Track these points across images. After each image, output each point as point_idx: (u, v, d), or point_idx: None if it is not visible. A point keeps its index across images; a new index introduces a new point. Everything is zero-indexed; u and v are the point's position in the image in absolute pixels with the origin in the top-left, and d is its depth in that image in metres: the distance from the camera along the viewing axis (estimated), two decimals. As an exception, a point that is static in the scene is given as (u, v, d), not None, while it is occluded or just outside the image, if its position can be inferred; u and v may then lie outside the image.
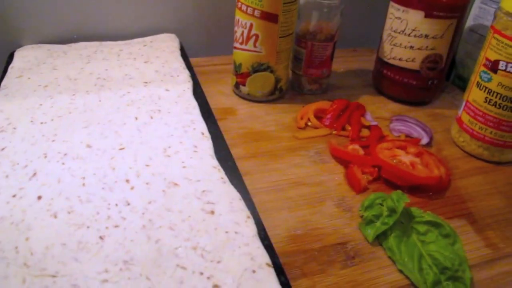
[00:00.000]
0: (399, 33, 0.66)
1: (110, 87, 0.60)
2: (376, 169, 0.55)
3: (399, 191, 0.49)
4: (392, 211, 0.47)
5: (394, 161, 0.55)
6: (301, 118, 0.64)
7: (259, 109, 0.66)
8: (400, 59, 0.68)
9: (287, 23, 0.62)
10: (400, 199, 0.47)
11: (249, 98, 0.66)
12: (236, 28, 0.63)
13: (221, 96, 0.68)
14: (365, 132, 0.62)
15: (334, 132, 0.62)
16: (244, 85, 0.65)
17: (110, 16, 0.74)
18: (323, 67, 0.68)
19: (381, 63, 0.71)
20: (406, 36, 0.66)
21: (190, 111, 0.57)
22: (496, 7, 0.56)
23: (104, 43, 0.72)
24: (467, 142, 0.61)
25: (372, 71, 0.76)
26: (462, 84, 0.79)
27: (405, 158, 0.56)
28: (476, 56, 0.60)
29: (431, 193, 0.53)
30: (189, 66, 0.69)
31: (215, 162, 0.48)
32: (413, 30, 0.65)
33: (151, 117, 0.54)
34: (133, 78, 0.63)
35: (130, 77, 0.63)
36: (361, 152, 0.58)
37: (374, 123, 0.64)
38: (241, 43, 0.63)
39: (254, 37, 0.61)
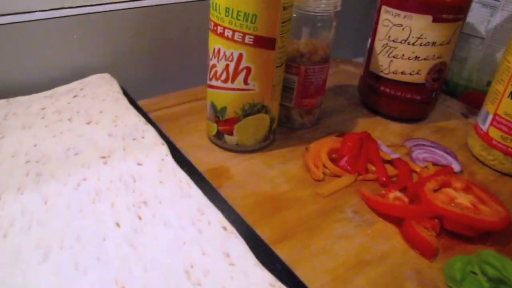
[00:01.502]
0: (400, 42, 0.55)
1: (52, 174, 0.40)
2: (436, 220, 0.43)
3: (490, 251, 0.39)
4: (499, 282, 0.36)
5: (452, 205, 0.44)
6: (316, 166, 0.49)
7: (255, 162, 0.50)
8: (402, 73, 0.57)
9: (284, 47, 0.47)
10: (504, 264, 0.37)
11: (237, 149, 0.50)
12: (214, 62, 0.46)
13: (200, 152, 0.50)
14: (388, 168, 0.51)
15: (359, 177, 0.49)
16: (231, 134, 0.49)
17: (14, 58, 0.52)
18: (318, 95, 0.55)
19: (375, 79, 0.59)
20: (410, 45, 0.55)
21: (187, 192, 0.39)
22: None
23: (13, 100, 0.50)
24: (499, 160, 0.52)
25: (358, 86, 0.64)
26: (446, 89, 0.71)
27: (464, 199, 0.45)
28: (460, 57, 0.50)
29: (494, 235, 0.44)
30: (139, 111, 0.50)
31: (268, 277, 0.32)
32: (419, 38, 0.54)
33: (139, 218, 0.36)
34: (81, 153, 0.43)
35: (75, 152, 0.43)
36: (405, 199, 0.46)
37: (395, 155, 0.53)
38: (225, 81, 0.46)
39: (244, 71, 0.45)
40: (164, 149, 0.44)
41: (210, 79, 0.48)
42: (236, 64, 0.45)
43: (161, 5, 0.59)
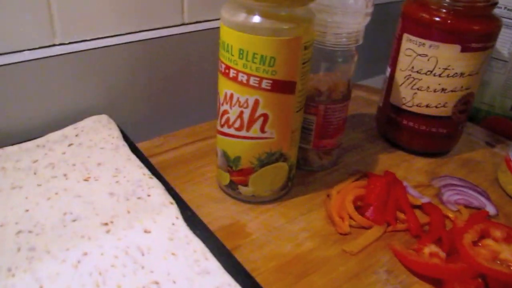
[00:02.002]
0: (426, 74, 0.51)
1: (48, 248, 0.35)
2: (480, 280, 0.39)
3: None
4: None
5: (498, 262, 0.40)
6: (341, 218, 0.44)
7: (274, 214, 0.45)
8: (427, 106, 0.52)
9: (304, 90, 0.42)
10: None
11: (252, 200, 0.45)
12: (226, 108, 0.41)
13: (212, 205, 0.45)
14: (418, 214, 0.46)
15: (388, 228, 0.45)
16: (245, 185, 0.44)
17: (1, 102, 0.47)
18: (337, 134, 0.50)
19: (396, 111, 0.55)
20: (436, 77, 0.50)
21: (204, 266, 0.34)
22: None
23: (0, 151, 0.45)
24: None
25: (376, 118, 0.60)
26: (467, 114, 0.66)
27: (508, 253, 0.41)
28: (482, 81, 0.46)
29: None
30: (141, 158, 0.45)
31: None
32: (446, 69, 0.50)
33: (152, 304, 0.31)
34: (80, 218, 0.38)
35: (73, 218, 0.38)
36: (442, 254, 0.42)
37: (426, 200, 0.48)
38: (239, 129, 0.41)
39: (261, 119, 0.41)
40: (174, 210, 0.39)
41: (222, 126, 0.43)
42: (252, 111, 0.40)
43: (159, 37, 0.54)
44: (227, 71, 0.40)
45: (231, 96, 0.40)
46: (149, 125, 0.56)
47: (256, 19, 0.37)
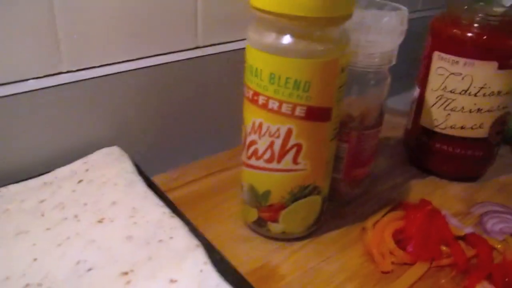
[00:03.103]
0: (460, 93, 0.47)
1: (62, 305, 0.30)
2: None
3: None
4: None
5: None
6: (381, 255, 0.40)
7: (307, 253, 0.41)
8: (462, 127, 0.49)
9: (339, 117, 0.38)
10: None
11: (283, 237, 0.41)
12: (254, 138, 0.37)
13: (238, 245, 0.41)
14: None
15: (433, 263, 0.41)
16: (275, 221, 0.40)
17: (4, 136, 0.43)
18: (369, 162, 0.46)
19: (428, 134, 0.51)
20: (472, 96, 0.47)
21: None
22: None
23: (4, 190, 0.41)
24: None
25: (404, 142, 0.56)
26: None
27: None
28: None
29: None
30: (158, 194, 0.41)
31: None
32: (482, 87, 0.46)
33: None
34: (96, 267, 0.34)
35: (88, 267, 0.34)
36: (496, 292, 0.38)
37: (469, 230, 0.44)
38: (269, 161, 0.38)
39: (294, 150, 0.37)
40: (201, 255, 0.35)
41: (249, 157, 0.39)
42: (284, 142, 0.36)
43: (172, 62, 0.50)
44: (255, 97, 0.36)
45: (260, 125, 0.37)
46: (163, 157, 0.52)
47: (288, 39, 0.33)
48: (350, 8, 0.34)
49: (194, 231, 0.38)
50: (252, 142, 0.38)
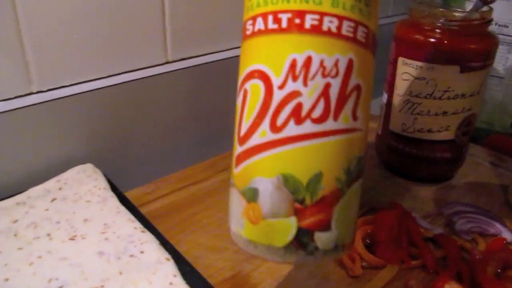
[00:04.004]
0: (425, 97, 0.48)
1: (32, 324, 0.31)
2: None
3: None
4: None
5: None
6: (351, 260, 0.41)
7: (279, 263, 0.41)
8: (429, 131, 0.50)
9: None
10: None
11: (333, 255, 0.28)
12: (297, 86, 0.25)
13: (211, 255, 0.42)
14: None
15: (403, 265, 0.41)
16: (326, 228, 0.26)
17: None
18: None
19: (397, 138, 0.52)
20: (437, 100, 0.48)
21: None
22: None
23: (-24, 215, 0.41)
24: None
25: (376, 146, 0.57)
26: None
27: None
28: None
29: None
30: (131, 209, 0.42)
31: None
32: (446, 91, 0.48)
33: None
34: (67, 285, 0.34)
35: (59, 284, 0.34)
36: (464, 292, 0.38)
37: (438, 231, 0.45)
38: (321, 120, 0.25)
39: (354, 95, 0.25)
40: (171, 267, 0.35)
41: (280, 128, 0.25)
42: (343, 82, 0.25)
43: (142, 78, 0.51)
44: (297, 21, 0.24)
45: (308, 61, 0.24)
46: (138, 171, 0.53)
47: None
48: None
49: (166, 244, 0.39)
50: (291, 95, 0.25)
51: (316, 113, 0.25)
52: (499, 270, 0.40)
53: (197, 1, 0.52)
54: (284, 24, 0.25)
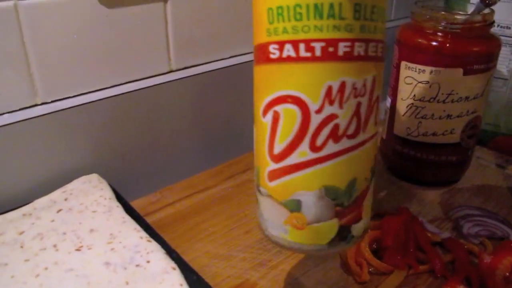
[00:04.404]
0: (429, 101, 0.48)
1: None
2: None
3: None
4: None
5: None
6: (359, 265, 0.41)
7: (284, 268, 0.42)
8: (434, 134, 0.49)
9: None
10: None
11: (360, 239, 0.31)
12: (333, 110, 0.26)
13: (218, 263, 0.42)
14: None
15: (410, 271, 0.41)
16: (359, 219, 0.30)
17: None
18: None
19: (402, 143, 0.52)
20: (440, 103, 0.48)
21: None
22: None
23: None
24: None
25: (381, 151, 0.57)
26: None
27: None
28: None
29: None
30: (137, 218, 0.42)
31: None
32: (449, 94, 0.47)
33: None
34: (74, 296, 0.34)
35: (66, 296, 0.34)
36: (473, 296, 0.38)
37: (445, 235, 0.45)
38: (353, 135, 0.27)
39: (376, 106, 0.28)
40: (177, 277, 0.35)
41: (319, 148, 0.27)
42: (370, 97, 0.27)
43: (146, 88, 0.51)
44: (331, 49, 0.25)
45: (342, 86, 0.26)
46: (143, 181, 0.53)
47: None
48: None
49: (172, 253, 0.39)
50: (329, 118, 0.26)
51: (351, 130, 0.27)
52: (507, 274, 0.39)
53: (199, 11, 0.53)
54: (317, 53, 0.25)
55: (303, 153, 0.27)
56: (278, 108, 0.27)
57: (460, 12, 0.49)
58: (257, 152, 0.30)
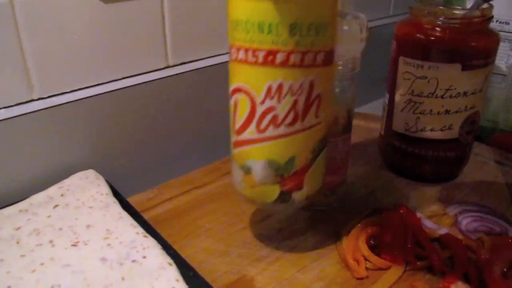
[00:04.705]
0: (427, 96, 0.48)
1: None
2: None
3: None
4: None
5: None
6: (356, 261, 0.41)
7: (282, 264, 0.41)
8: (432, 130, 0.49)
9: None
10: None
11: (305, 204, 0.40)
12: (272, 103, 0.34)
13: (215, 259, 0.42)
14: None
15: (408, 267, 0.41)
16: (300, 188, 0.38)
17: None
18: (341, 169, 0.47)
19: (400, 138, 0.52)
20: (438, 99, 0.48)
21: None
22: None
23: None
24: (560, 221, 0.44)
25: (379, 147, 0.57)
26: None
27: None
28: None
29: None
30: (134, 214, 0.42)
31: None
32: (448, 89, 0.47)
33: None
34: (70, 291, 0.34)
35: (62, 291, 0.34)
36: (471, 291, 0.38)
37: (443, 231, 0.45)
38: (292, 123, 0.35)
39: (316, 102, 0.35)
40: (173, 272, 0.35)
41: (263, 130, 0.35)
42: (308, 96, 0.34)
43: (143, 83, 0.51)
44: (270, 58, 0.33)
45: (280, 87, 0.33)
46: (140, 177, 0.53)
47: None
48: None
49: (169, 249, 0.38)
50: (269, 109, 0.34)
51: (288, 120, 0.35)
52: (505, 270, 0.39)
53: (196, 6, 0.52)
54: (260, 59, 0.33)
55: (251, 132, 0.36)
56: (237, 95, 0.36)
57: (459, 7, 0.48)
58: (230, 125, 0.38)
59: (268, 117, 0.35)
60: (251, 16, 0.32)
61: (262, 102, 0.34)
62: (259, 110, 0.35)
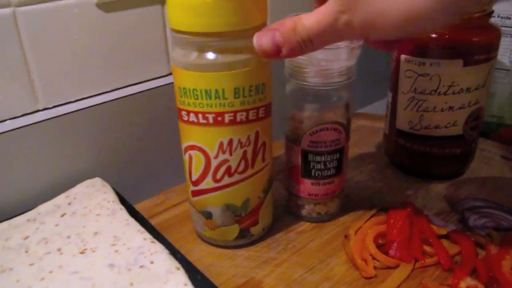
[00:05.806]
0: (430, 93, 0.48)
1: None
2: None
3: None
4: None
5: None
6: (364, 260, 0.41)
7: (291, 265, 0.41)
8: (436, 127, 0.49)
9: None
10: None
11: (262, 235, 0.44)
12: (225, 157, 0.38)
13: (222, 262, 0.42)
14: (446, 245, 0.42)
15: (416, 264, 0.41)
16: (256, 223, 0.43)
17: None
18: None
19: (405, 137, 0.52)
20: (442, 95, 0.48)
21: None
22: None
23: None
24: None
25: (384, 146, 0.57)
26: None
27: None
28: None
29: None
30: (141, 220, 0.42)
31: None
32: (450, 86, 0.47)
33: None
34: (79, 299, 0.34)
35: (71, 298, 0.34)
36: (481, 287, 0.38)
37: (451, 227, 0.45)
38: (243, 171, 0.40)
39: (262, 149, 0.40)
40: (181, 277, 0.35)
41: (219, 180, 0.40)
42: (255, 146, 0.39)
43: (147, 90, 0.51)
44: (219, 118, 0.37)
45: (230, 142, 0.38)
46: (147, 183, 0.53)
47: (244, 53, 0.36)
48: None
49: (176, 254, 0.39)
50: (223, 162, 0.39)
51: (240, 169, 0.39)
52: (515, 264, 0.39)
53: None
54: (211, 120, 0.37)
55: (208, 182, 0.40)
56: (191, 152, 0.39)
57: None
58: (186, 176, 0.41)
59: (222, 168, 0.39)
60: (198, 85, 0.36)
61: (216, 156, 0.38)
62: (214, 163, 0.39)
